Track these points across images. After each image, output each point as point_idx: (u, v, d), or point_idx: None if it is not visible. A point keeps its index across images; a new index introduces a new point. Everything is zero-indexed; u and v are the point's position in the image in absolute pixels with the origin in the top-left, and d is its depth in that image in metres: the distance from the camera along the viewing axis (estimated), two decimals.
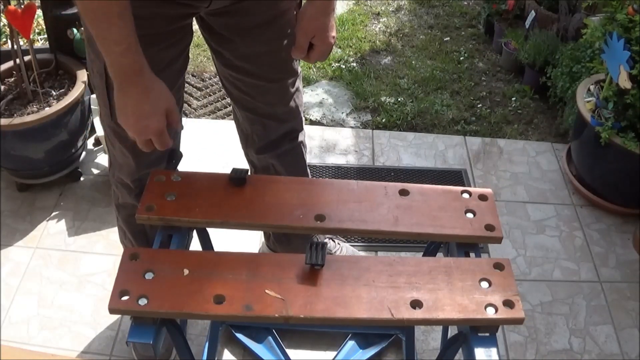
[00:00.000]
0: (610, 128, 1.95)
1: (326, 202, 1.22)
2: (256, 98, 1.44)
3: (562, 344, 1.76)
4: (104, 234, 1.99)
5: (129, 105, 1.10)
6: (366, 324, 1.13)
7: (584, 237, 2.07)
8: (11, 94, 1.99)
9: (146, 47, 1.15)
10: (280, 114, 1.49)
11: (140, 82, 1.08)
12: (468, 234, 1.18)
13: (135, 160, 1.37)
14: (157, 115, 1.11)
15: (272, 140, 1.54)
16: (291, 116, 1.52)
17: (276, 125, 1.51)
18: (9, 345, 1.68)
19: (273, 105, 1.47)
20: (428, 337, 1.75)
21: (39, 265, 1.90)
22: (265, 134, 1.53)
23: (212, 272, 1.07)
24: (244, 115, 1.51)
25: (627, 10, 1.98)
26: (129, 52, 1.05)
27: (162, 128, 1.12)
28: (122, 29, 1.03)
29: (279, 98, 1.46)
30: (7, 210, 2.06)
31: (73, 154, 2.11)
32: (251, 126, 1.53)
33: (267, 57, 1.35)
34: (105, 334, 1.73)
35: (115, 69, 1.07)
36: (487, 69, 2.87)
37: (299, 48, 1.26)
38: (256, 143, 1.56)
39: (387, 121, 2.52)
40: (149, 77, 1.10)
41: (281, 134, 1.54)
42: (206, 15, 1.28)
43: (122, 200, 1.52)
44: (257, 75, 1.38)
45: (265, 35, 1.31)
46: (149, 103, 1.10)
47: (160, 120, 1.11)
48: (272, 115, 1.49)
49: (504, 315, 1.03)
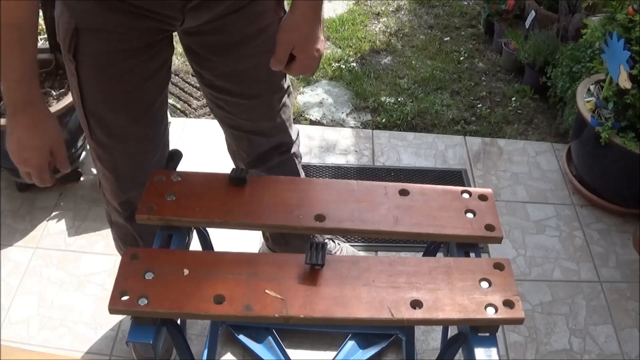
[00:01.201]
0: (610, 128, 1.95)
1: (326, 202, 1.22)
2: (239, 115, 1.40)
3: (562, 344, 1.76)
4: (104, 234, 1.99)
5: (14, 134, 1.10)
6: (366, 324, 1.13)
7: (584, 237, 2.07)
8: None
9: (125, 60, 1.15)
10: (266, 130, 1.45)
11: (29, 114, 1.08)
12: (468, 234, 1.18)
13: (117, 182, 1.35)
14: (40, 150, 1.10)
15: (260, 154, 1.49)
16: (277, 131, 1.47)
17: (263, 140, 1.47)
18: (9, 345, 1.68)
19: (257, 121, 1.42)
20: (428, 337, 1.75)
21: (39, 265, 1.90)
22: (252, 149, 1.49)
23: (212, 272, 1.07)
24: (229, 132, 1.48)
25: (627, 10, 1.98)
26: (23, 81, 1.05)
27: (42, 164, 1.12)
28: (20, 58, 1.03)
29: (263, 114, 1.41)
30: (7, 210, 2.06)
31: (73, 154, 2.11)
32: (237, 142, 1.49)
33: (247, 74, 1.30)
34: (105, 334, 1.73)
35: (8, 95, 1.07)
36: (487, 69, 2.87)
37: (276, 59, 1.17)
38: (245, 158, 1.52)
39: (387, 121, 2.52)
40: (41, 111, 1.10)
41: (270, 147, 1.49)
42: (183, 34, 1.24)
43: (114, 219, 1.51)
44: (237, 93, 1.33)
45: (244, 53, 1.26)
46: (34, 137, 1.09)
47: (42, 156, 1.11)
48: (257, 131, 1.44)
49: (504, 315, 1.03)
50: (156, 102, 1.29)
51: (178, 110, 2.54)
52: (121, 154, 1.31)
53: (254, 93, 1.34)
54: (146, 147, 1.33)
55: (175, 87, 2.67)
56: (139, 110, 1.26)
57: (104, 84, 1.19)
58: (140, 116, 1.28)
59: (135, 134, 1.29)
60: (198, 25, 1.19)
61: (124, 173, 1.34)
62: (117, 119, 1.24)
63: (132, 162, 1.33)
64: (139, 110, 1.26)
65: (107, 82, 1.19)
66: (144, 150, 1.33)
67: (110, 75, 1.18)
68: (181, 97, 2.62)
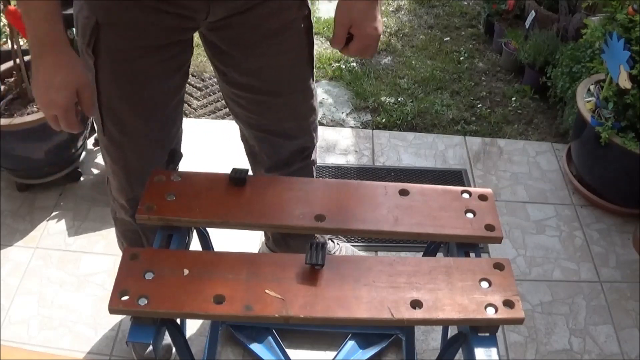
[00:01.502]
0: (610, 128, 1.95)
1: (326, 202, 1.22)
2: (262, 115, 1.38)
3: (562, 344, 1.76)
4: (104, 234, 1.99)
5: (39, 75, 1.08)
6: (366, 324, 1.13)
7: (584, 237, 2.07)
8: (11, 94, 1.99)
9: (144, 58, 1.15)
10: (289, 131, 1.42)
11: (54, 53, 1.07)
12: (468, 234, 1.18)
13: (127, 179, 1.34)
14: (66, 90, 1.08)
15: (282, 159, 1.47)
16: (301, 133, 1.44)
17: (285, 143, 1.44)
18: (9, 345, 1.68)
19: (280, 122, 1.39)
20: (428, 337, 1.75)
21: (39, 265, 1.90)
22: (274, 153, 1.46)
23: (212, 272, 1.07)
24: (250, 133, 1.45)
25: (627, 10, 1.98)
26: (47, 20, 1.04)
27: (68, 105, 1.09)
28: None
29: (286, 114, 1.38)
30: (7, 210, 2.06)
31: (73, 154, 2.11)
32: (259, 144, 1.46)
33: (271, 71, 1.29)
34: (105, 334, 1.73)
35: (32, 35, 1.06)
36: (487, 69, 2.87)
37: (335, 38, 1.16)
38: (265, 162, 1.49)
39: (387, 121, 2.52)
40: (65, 51, 1.08)
41: (292, 151, 1.46)
42: (207, 30, 1.24)
43: (119, 215, 1.50)
44: (261, 90, 1.32)
45: (267, 49, 1.25)
46: (59, 76, 1.07)
47: (68, 96, 1.08)
48: (279, 132, 1.41)
49: (504, 315, 1.03)
50: (171, 103, 1.28)
51: None
52: (132, 152, 1.30)
53: (277, 90, 1.33)
54: (158, 146, 1.33)
55: None
56: (153, 109, 1.26)
57: (121, 80, 1.19)
58: (154, 115, 1.27)
59: (147, 133, 1.29)
60: (222, 19, 1.19)
61: (134, 171, 1.33)
62: (131, 117, 1.24)
63: (143, 160, 1.32)
64: (153, 109, 1.26)
65: (124, 79, 1.19)
66: (156, 149, 1.33)
67: (127, 73, 1.18)
68: None
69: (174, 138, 1.36)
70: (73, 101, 1.10)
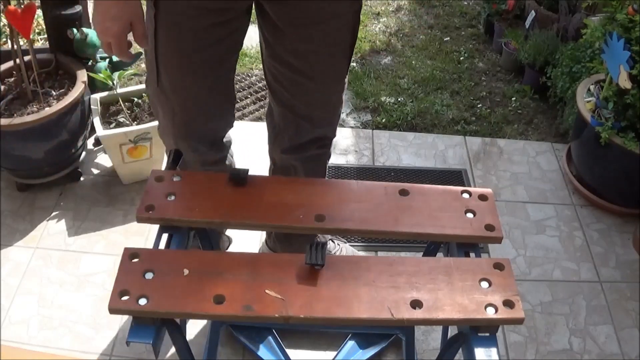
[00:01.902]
0: (610, 128, 1.95)
1: (326, 202, 1.22)
2: (296, 96, 1.43)
3: (562, 344, 1.76)
4: (104, 234, 2.00)
5: (99, 6, 1.20)
6: (366, 324, 1.13)
7: (584, 237, 2.07)
8: (11, 94, 1.99)
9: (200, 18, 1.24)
10: (316, 118, 1.48)
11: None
12: (468, 234, 1.18)
13: (172, 130, 1.44)
14: (120, 20, 1.18)
15: (301, 144, 1.53)
16: (326, 122, 1.51)
17: (309, 128, 1.50)
18: (9, 345, 1.68)
19: (311, 107, 1.46)
20: (428, 337, 1.75)
21: (39, 265, 1.90)
22: (296, 136, 1.51)
23: (212, 272, 1.07)
24: (279, 111, 1.50)
25: (627, 10, 1.98)
26: None
27: (121, 33, 1.20)
28: None
29: (318, 101, 1.45)
30: (7, 210, 2.06)
31: (73, 154, 2.11)
32: (284, 124, 1.51)
33: (315, 56, 1.35)
34: (105, 334, 1.73)
35: None
36: (487, 69, 2.87)
37: None
38: (285, 142, 1.54)
39: (387, 121, 2.52)
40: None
41: (312, 138, 1.52)
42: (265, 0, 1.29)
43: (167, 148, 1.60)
44: (302, 72, 1.37)
45: (316, 34, 1.31)
46: (115, 8, 1.18)
47: (122, 25, 1.19)
48: (307, 117, 1.47)
49: (504, 315, 1.03)
50: (223, 64, 1.36)
51: None
52: (180, 106, 1.39)
53: (315, 75, 1.38)
54: (204, 108, 1.41)
55: None
56: (203, 70, 1.33)
57: (176, 36, 1.28)
58: (204, 77, 1.35)
59: (196, 92, 1.37)
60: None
61: (178, 124, 1.43)
62: (182, 73, 1.33)
63: (189, 114, 1.40)
64: (203, 70, 1.33)
65: (178, 35, 1.27)
66: (201, 110, 1.41)
67: (182, 30, 1.26)
68: None
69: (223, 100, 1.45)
70: (126, 31, 1.20)
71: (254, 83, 2.69)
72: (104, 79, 2.04)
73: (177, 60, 1.31)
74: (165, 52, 1.30)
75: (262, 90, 2.65)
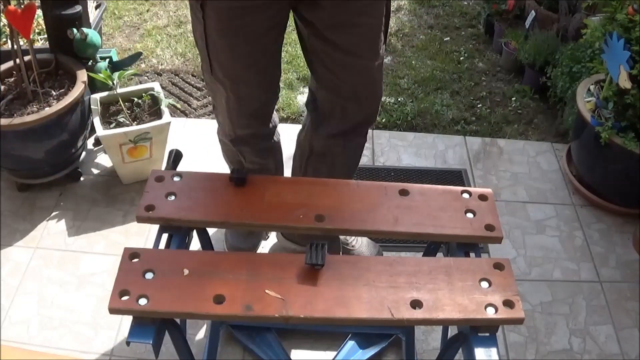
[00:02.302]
0: (610, 128, 1.95)
1: (326, 202, 1.22)
2: (340, 76, 1.46)
3: (562, 344, 1.76)
4: (104, 234, 2.00)
5: None
6: (366, 324, 1.13)
7: (584, 237, 2.07)
8: (11, 94, 1.99)
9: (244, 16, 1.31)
10: (362, 97, 1.51)
11: None
12: (468, 234, 1.18)
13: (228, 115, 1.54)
14: None
15: (347, 128, 1.57)
16: (371, 101, 1.55)
17: (356, 109, 1.53)
18: (9, 345, 1.68)
19: (356, 86, 1.48)
20: (428, 337, 1.75)
21: (39, 265, 1.90)
22: (342, 118, 1.54)
23: (212, 272, 1.07)
24: (324, 96, 1.53)
25: (627, 10, 1.98)
26: None
27: None
28: None
29: (362, 79, 1.47)
30: (7, 210, 2.06)
31: (73, 154, 2.11)
32: (331, 108, 1.54)
33: (356, 30, 1.37)
34: (105, 334, 1.73)
35: None
36: (487, 69, 2.87)
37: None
38: (331, 127, 1.57)
39: (387, 121, 2.52)
40: None
41: (357, 122, 1.56)
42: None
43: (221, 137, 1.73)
44: (344, 49, 1.39)
45: (356, 8, 1.33)
46: None
47: None
48: (353, 97, 1.50)
49: (504, 315, 1.03)
50: (268, 54, 1.44)
51: (178, 110, 2.54)
52: (233, 92, 1.48)
53: (357, 52, 1.41)
54: (254, 90, 1.50)
55: (175, 87, 2.67)
56: (252, 58, 1.41)
57: (223, 33, 1.36)
58: (253, 66, 1.43)
59: (246, 78, 1.46)
60: None
61: (233, 108, 1.53)
62: (232, 64, 1.42)
63: (241, 101, 1.50)
64: (252, 58, 1.41)
65: (227, 31, 1.35)
66: (252, 92, 1.50)
67: (230, 27, 1.34)
68: (181, 97, 2.62)
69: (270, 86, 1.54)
70: None
71: None
72: (104, 79, 2.04)
73: (226, 54, 1.40)
74: (214, 47, 1.40)
75: None
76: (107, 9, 3.02)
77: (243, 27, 1.33)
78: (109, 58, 2.22)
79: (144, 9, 3.14)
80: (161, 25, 3.03)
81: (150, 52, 2.84)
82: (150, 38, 2.93)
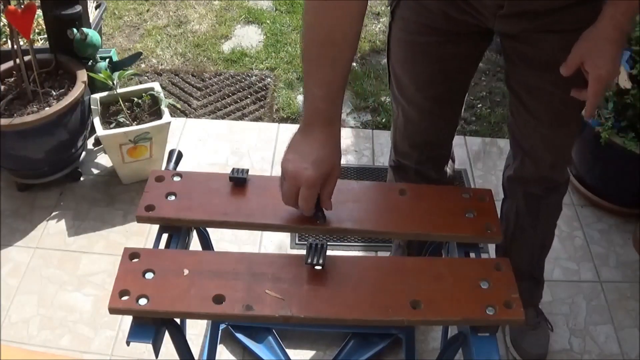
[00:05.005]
0: (610, 128, 1.95)
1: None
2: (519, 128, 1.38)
3: (562, 344, 1.76)
4: (104, 234, 2.00)
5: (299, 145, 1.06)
6: (366, 324, 1.13)
7: (584, 237, 2.07)
8: (11, 94, 1.99)
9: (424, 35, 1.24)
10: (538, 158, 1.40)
11: (324, 131, 1.05)
12: (468, 234, 1.18)
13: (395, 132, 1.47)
14: (318, 169, 1.03)
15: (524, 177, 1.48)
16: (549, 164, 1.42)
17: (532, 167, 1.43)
18: (9, 345, 1.68)
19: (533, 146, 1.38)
20: (428, 337, 1.75)
21: (39, 265, 1.90)
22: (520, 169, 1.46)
23: (212, 272, 1.07)
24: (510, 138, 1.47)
25: None
26: (327, 99, 1.04)
27: (316, 181, 1.04)
28: (329, 75, 1.03)
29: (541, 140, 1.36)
30: (7, 210, 2.06)
31: (73, 154, 2.11)
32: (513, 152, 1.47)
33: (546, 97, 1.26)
34: (105, 334, 1.73)
35: (308, 108, 1.06)
36: (487, 69, 2.87)
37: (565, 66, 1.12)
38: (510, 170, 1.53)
39: (387, 121, 2.52)
40: (333, 133, 1.06)
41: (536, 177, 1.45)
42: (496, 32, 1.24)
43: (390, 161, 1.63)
44: (530, 110, 1.31)
45: (548, 76, 1.21)
46: (321, 151, 1.04)
47: (320, 172, 1.04)
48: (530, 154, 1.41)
49: (504, 316, 1.03)
50: (446, 84, 1.33)
51: (178, 110, 2.54)
52: (403, 112, 1.41)
53: (542, 117, 1.31)
54: (424, 118, 1.39)
55: (175, 87, 2.67)
56: (426, 83, 1.32)
57: (403, 47, 1.30)
58: (427, 89, 1.33)
59: (419, 103, 1.36)
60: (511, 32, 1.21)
61: (400, 129, 1.45)
62: (406, 81, 1.35)
63: (408, 125, 1.42)
64: (426, 83, 1.32)
65: (405, 46, 1.29)
66: (422, 120, 1.40)
67: (409, 42, 1.28)
68: (181, 97, 2.62)
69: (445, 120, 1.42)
70: (319, 181, 1.05)
71: (254, 83, 2.68)
72: (104, 79, 2.04)
73: (403, 72, 1.34)
74: (394, 59, 1.34)
75: (262, 90, 2.65)
76: (107, 9, 3.01)
77: (421, 46, 1.25)
78: (109, 58, 2.23)
79: (144, 9, 3.14)
80: (161, 25, 3.03)
81: (150, 52, 2.84)
82: (150, 38, 2.93)
